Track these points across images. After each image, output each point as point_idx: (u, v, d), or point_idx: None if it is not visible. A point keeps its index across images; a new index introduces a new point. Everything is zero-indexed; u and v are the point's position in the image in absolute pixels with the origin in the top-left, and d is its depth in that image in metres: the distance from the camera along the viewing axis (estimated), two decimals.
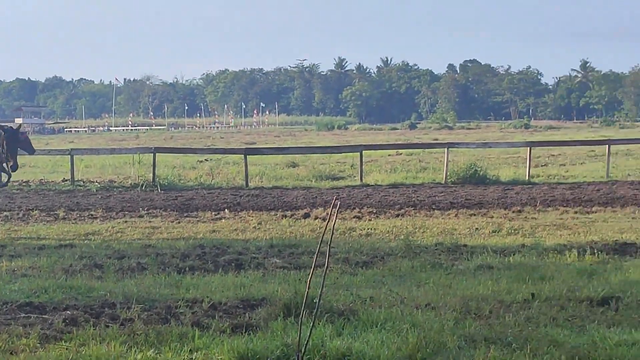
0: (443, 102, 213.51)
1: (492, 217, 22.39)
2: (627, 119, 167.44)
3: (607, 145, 36.74)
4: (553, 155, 47.85)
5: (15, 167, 24.08)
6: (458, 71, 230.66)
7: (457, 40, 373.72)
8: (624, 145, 48.58)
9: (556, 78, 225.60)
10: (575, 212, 23.32)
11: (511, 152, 48.44)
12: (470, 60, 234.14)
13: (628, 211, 23.46)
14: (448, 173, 33.42)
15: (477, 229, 20.00)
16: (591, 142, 46.10)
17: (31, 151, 26.65)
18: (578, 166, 40.83)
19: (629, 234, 18.66)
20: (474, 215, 22.88)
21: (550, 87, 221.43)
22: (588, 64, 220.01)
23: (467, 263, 15.14)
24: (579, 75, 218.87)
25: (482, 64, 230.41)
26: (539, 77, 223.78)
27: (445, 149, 35.46)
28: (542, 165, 40.98)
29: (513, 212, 23.42)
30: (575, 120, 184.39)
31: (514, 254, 15.89)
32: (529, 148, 36.28)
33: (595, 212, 23.35)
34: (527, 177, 33.62)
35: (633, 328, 10.23)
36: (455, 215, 22.72)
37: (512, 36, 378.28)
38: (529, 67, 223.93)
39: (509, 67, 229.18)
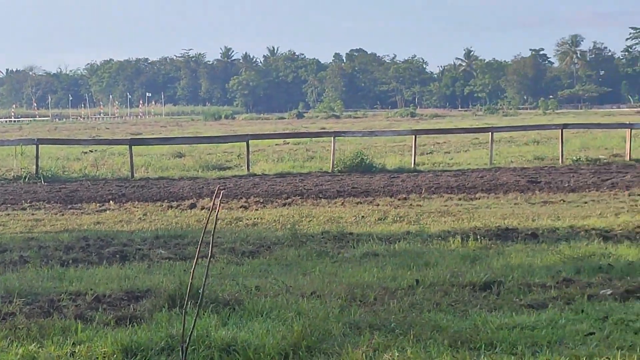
0: (330, 91, 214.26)
1: (378, 205, 22.56)
2: (510, 107, 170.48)
3: (490, 133, 37.35)
4: (438, 143, 48.41)
5: None
6: (344, 60, 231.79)
7: (343, 29, 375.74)
8: (506, 133, 49.44)
9: (441, 67, 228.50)
10: (460, 199, 23.66)
11: (397, 141, 48.85)
12: (356, 49, 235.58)
13: (510, 197, 23.89)
14: (335, 162, 33.57)
15: (363, 217, 20.12)
16: (475, 130, 46.86)
17: None
18: (462, 153, 41.39)
19: (511, 220, 19.00)
20: (361, 203, 23.02)
21: (435, 75, 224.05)
22: (472, 53, 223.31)
23: (353, 251, 15.24)
24: (463, 64, 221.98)
25: (368, 52, 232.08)
26: (424, 65, 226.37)
27: (332, 138, 35.59)
28: (427, 153, 41.42)
29: (399, 199, 23.63)
30: (460, 109, 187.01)
31: (399, 241, 16.02)
32: (414, 136, 36.59)
33: (479, 199, 23.73)
34: (412, 165, 33.96)
35: (514, 312, 10.43)
36: (342, 204, 22.84)
37: (397, 25, 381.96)
38: (414, 56, 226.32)
39: (395, 56, 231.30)
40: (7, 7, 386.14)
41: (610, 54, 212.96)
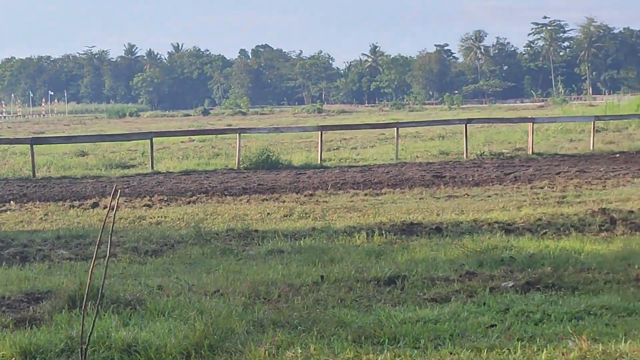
0: (236, 88, 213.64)
1: (284, 201, 22.53)
2: (416, 102, 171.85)
3: (395, 128, 37.56)
4: (345, 138, 48.50)
5: None
6: (250, 56, 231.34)
7: (249, 25, 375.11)
8: (412, 128, 49.88)
9: (347, 63, 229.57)
10: (366, 195, 23.74)
11: (304, 137, 48.83)
12: (262, 45, 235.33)
13: (416, 192, 24.06)
14: (241, 159, 33.47)
15: (268, 213, 20.08)
16: (381, 126, 46.96)
17: None
18: (369, 149, 41.53)
19: (416, 214, 19.12)
20: (266, 200, 22.97)
21: (342, 71, 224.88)
22: (378, 48, 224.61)
23: (258, 248, 15.18)
24: (369, 59, 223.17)
25: (274, 49, 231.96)
26: (331, 61, 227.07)
27: (238, 135, 35.42)
28: (334, 149, 41.48)
29: (305, 196, 23.64)
30: (366, 104, 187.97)
31: (304, 238, 16.01)
32: (320, 132, 36.61)
33: (385, 194, 23.84)
34: (319, 161, 34.02)
35: (417, 306, 10.46)
36: (248, 201, 22.76)
37: (303, 20, 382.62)
38: (321, 51, 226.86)
39: (301, 51, 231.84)
40: None
41: (513, 49, 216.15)
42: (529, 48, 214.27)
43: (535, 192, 23.20)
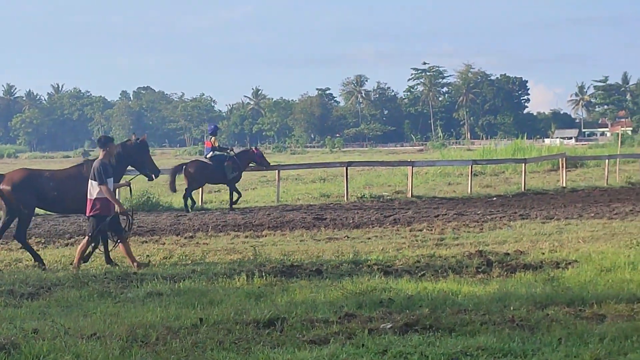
0: (117, 129, 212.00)
1: (164, 243, 22.35)
2: (298, 145, 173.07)
3: (277, 171, 37.62)
4: None
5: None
6: (132, 98, 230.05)
7: (130, 66, 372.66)
8: (294, 170, 50.04)
9: (229, 105, 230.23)
10: (246, 237, 23.69)
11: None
12: (143, 87, 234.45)
13: (296, 234, 24.09)
14: (120, 201, 33.04)
15: (148, 256, 19.86)
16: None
17: (267, 164, 34.92)
18: (250, 191, 41.54)
19: (296, 256, 19.12)
20: (146, 242, 22.76)
21: (224, 114, 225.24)
22: (260, 91, 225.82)
23: (137, 291, 14.97)
24: (252, 102, 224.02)
25: (156, 90, 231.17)
26: (213, 104, 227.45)
27: None
28: (215, 191, 41.35)
29: (185, 238, 23.50)
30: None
31: (184, 280, 15.87)
32: None
33: (266, 236, 23.82)
34: (200, 203, 33.85)
35: (296, 348, 10.46)
36: None
37: (185, 63, 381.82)
38: (203, 94, 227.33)
39: (183, 94, 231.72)
40: None
41: (393, 93, 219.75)
42: (409, 93, 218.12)
43: (415, 235, 23.46)
